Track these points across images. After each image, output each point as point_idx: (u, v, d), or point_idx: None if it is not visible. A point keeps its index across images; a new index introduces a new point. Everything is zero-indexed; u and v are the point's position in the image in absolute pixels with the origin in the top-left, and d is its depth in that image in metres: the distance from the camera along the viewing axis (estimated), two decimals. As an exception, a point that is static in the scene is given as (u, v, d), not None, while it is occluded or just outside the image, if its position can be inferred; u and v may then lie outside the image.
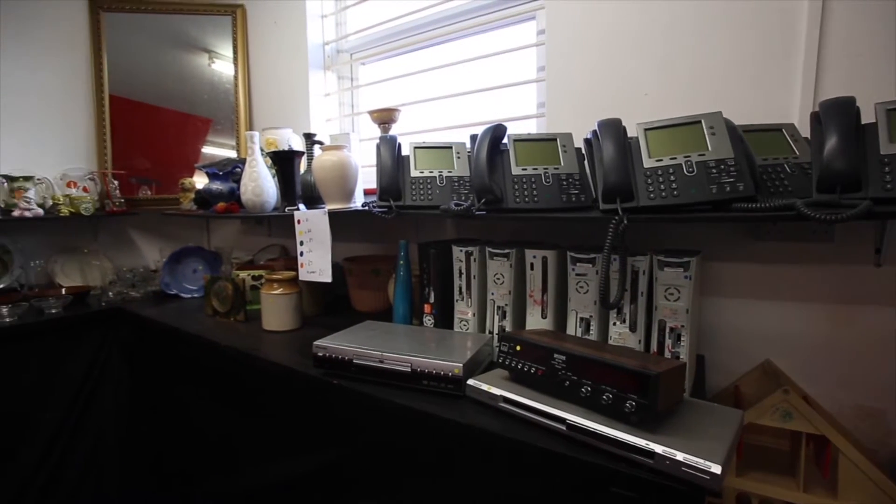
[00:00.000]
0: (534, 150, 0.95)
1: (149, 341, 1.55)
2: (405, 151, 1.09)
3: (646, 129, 0.82)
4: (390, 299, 1.27)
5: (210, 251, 1.83)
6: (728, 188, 0.72)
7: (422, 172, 1.05)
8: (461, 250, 1.05)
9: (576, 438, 0.67)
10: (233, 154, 1.99)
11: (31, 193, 1.59)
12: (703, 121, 0.79)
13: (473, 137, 0.97)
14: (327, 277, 1.11)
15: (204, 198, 1.53)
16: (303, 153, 1.30)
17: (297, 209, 1.19)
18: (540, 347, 0.76)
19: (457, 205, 0.92)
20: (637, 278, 0.86)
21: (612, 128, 0.83)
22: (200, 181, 1.71)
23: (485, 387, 0.79)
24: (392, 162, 1.03)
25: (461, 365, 0.82)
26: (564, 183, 0.92)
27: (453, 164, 1.07)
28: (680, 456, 0.57)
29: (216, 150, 2.02)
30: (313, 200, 1.28)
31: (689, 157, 0.77)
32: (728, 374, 1.05)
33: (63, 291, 1.66)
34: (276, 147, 1.47)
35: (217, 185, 1.50)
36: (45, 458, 1.43)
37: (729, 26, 0.99)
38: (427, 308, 1.11)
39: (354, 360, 0.90)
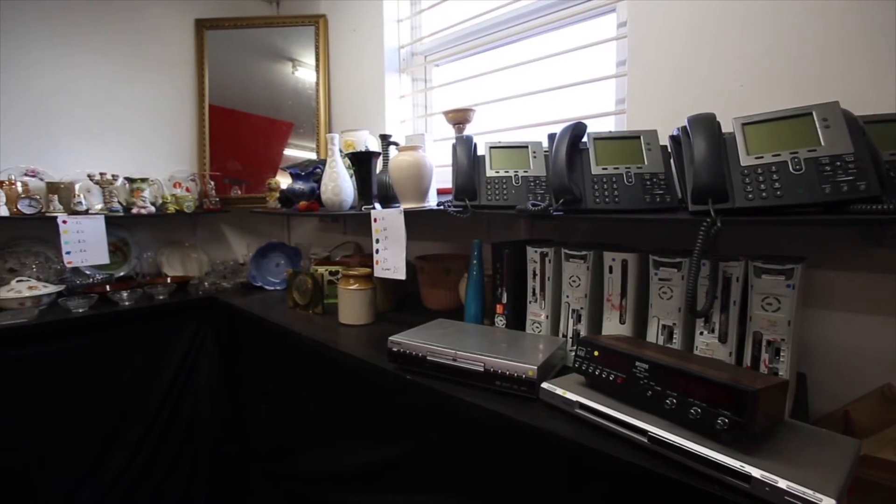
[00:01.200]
0: (615, 149, 0.92)
1: (237, 328, 1.69)
2: (481, 151, 1.09)
3: (744, 124, 0.76)
4: (461, 298, 1.28)
5: (291, 247, 1.96)
6: (845, 188, 0.65)
7: (497, 172, 1.05)
8: (536, 251, 1.03)
9: (659, 453, 0.63)
10: (313, 155, 2.11)
11: (146, 193, 1.80)
12: (814, 112, 0.71)
13: (551, 136, 0.95)
14: (401, 275, 1.14)
15: (287, 197, 1.64)
16: (379, 154, 1.35)
17: (374, 208, 1.23)
18: (620, 354, 0.73)
19: (534, 205, 0.91)
20: (729, 285, 0.79)
21: (705, 123, 0.77)
22: (284, 181, 1.83)
23: (560, 391, 0.77)
24: (468, 162, 1.04)
25: (535, 368, 0.81)
26: (648, 183, 0.87)
27: (529, 163, 1.05)
28: (782, 483, 0.52)
29: (297, 152, 2.16)
30: (388, 199, 1.33)
31: (795, 153, 0.70)
32: (834, 398, 0.94)
33: (168, 280, 1.86)
34: (354, 148, 1.54)
35: (299, 185, 1.60)
36: (151, 428, 1.60)
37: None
38: (499, 308, 1.10)
39: (428, 357, 0.92)
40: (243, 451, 1.74)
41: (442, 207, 1.08)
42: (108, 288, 1.74)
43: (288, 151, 2.17)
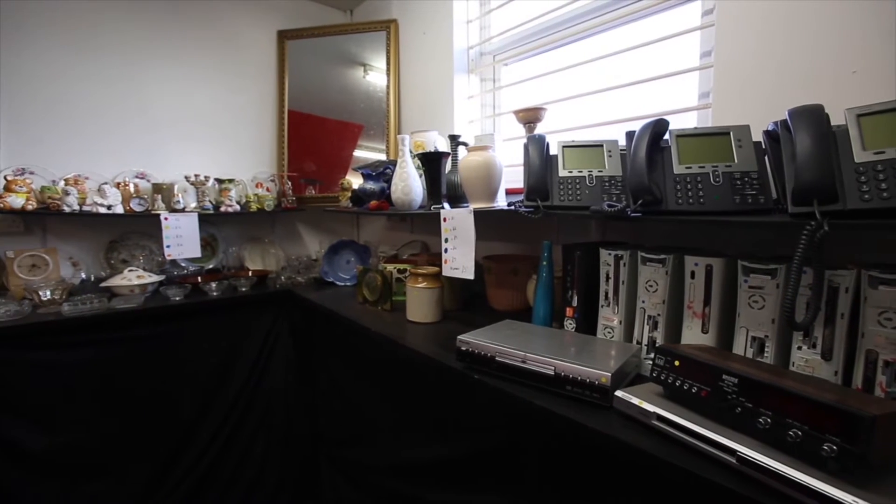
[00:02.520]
0: (701, 146, 0.86)
1: (310, 320, 1.79)
2: (553, 151, 1.07)
3: (859, 115, 0.68)
4: (529, 300, 1.26)
5: (361, 244, 2.04)
6: None
7: (570, 172, 1.02)
8: (610, 254, 0.99)
9: (748, 475, 0.58)
10: (382, 156, 2.17)
11: (232, 193, 1.96)
12: (950, 102, 0.62)
13: (630, 134, 0.91)
14: (469, 274, 1.15)
15: (358, 196, 1.71)
16: (448, 154, 1.36)
17: (443, 208, 1.25)
18: (705, 365, 0.68)
19: (609, 206, 0.87)
20: (836, 296, 0.71)
21: (811, 115, 0.70)
22: (355, 181, 1.91)
23: (636, 400, 0.74)
24: (540, 161, 1.02)
25: (609, 374, 0.78)
26: (738, 182, 0.81)
27: (604, 163, 1.02)
28: (906, 521, 0.46)
29: (366, 153, 2.24)
30: (456, 199, 1.34)
31: (926, 148, 0.61)
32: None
33: (250, 273, 2.01)
34: (423, 149, 1.57)
35: (370, 185, 1.66)
36: (233, 408, 1.74)
37: None
38: (569, 311, 1.07)
39: (496, 358, 0.91)
40: (312, 436, 1.84)
41: (512, 208, 1.07)
42: (199, 279, 1.91)
43: (357, 153, 2.26)
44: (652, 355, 0.91)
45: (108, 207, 1.71)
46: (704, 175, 0.83)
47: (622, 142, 1.00)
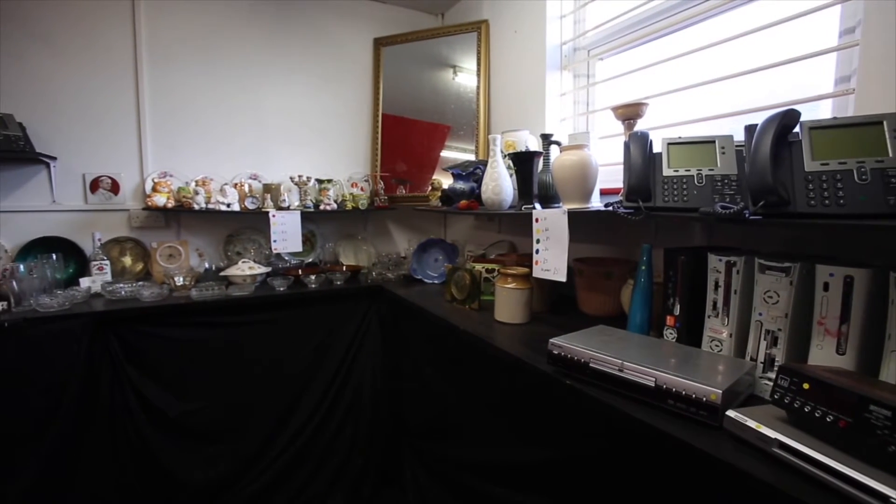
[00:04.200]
0: (843, 139, 0.75)
1: (398, 315, 1.86)
2: (656, 148, 1.00)
3: None
4: (623, 305, 1.20)
5: (449, 243, 2.08)
6: None
7: (676, 171, 0.95)
8: (720, 259, 0.91)
9: (902, 524, 0.50)
10: (469, 156, 2.19)
11: (331, 192, 2.10)
12: None
13: (750, 128, 0.82)
14: (562, 277, 1.12)
15: (448, 195, 1.74)
16: (541, 153, 1.34)
17: (534, 208, 1.23)
18: (846, 392, 0.60)
19: (723, 207, 0.80)
20: None
21: None
22: (445, 181, 1.95)
23: (752, 423, 0.67)
24: (642, 160, 0.96)
25: (720, 392, 0.71)
26: (893, 180, 0.69)
27: (716, 160, 0.93)
28: None
29: (453, 153, 2.27)
30: (548, 199, 1.31)
31: None
32: None
33: (344, 268, 2.14)
34: (514, 148, 1.56)
35: (460, 185, 1.68)
36: (327, 393, 1.86)
37: None
38: (670, 320, 1.00)
39: (591, 364, 0.88)
40: (396, 425, 1.91)
41: (611, 209, 1.02)
42: (300, 272, 2.07)
43: (445, 153, 2.30)
44: (771, 375, 0.83)
45: (228, 205, 1.93)
46: (846, 172, 0.73)
47: (738, 136, 0.91)
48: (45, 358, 1.35)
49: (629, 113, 1.18)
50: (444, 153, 2.30)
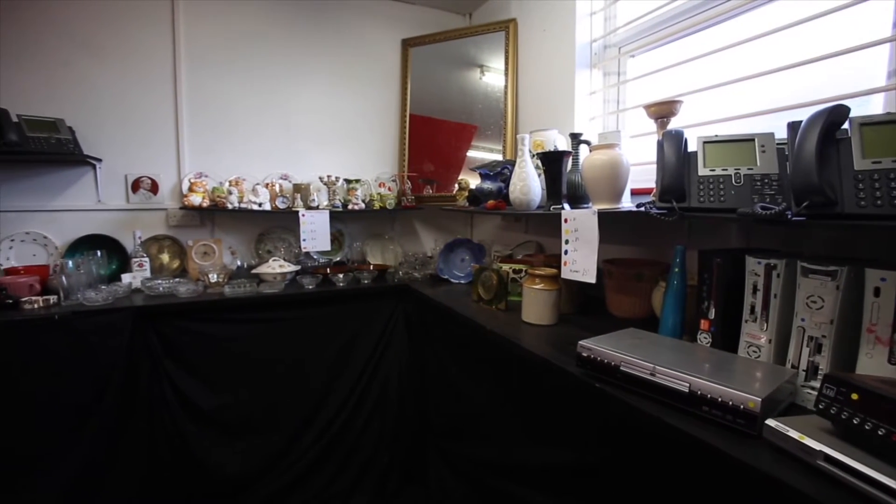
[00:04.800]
0: (896, 137, 0.71)
1: (425, 314, 1.87)
2: (691, 147, 0.97)
3: None
4: (654, 308, 1.17)
5: (476, 243, 2.07)
6: None
7: (713, 170, 0.92)
8: (759, 262, 0.88)
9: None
10: (496, 156, 2.18)
11: (358, 192, 2.13)
12: None
13: (793, 125, 0.79)
14: (591, 278, 1.10)
15: (476, 195, 1.74)
16: (570, 153, 1.32)
17: (563, 208, 1.21)
18: (897, 403, 0.57)
19: (764, 208, 0.77)
20: None
21: None
22: (472, 181, 1.94)
23: (794, 434, 0.64)
24: (676, 159, 0.94)
25: (759, 399, 0.69)
26: (952, 180, 0.65)
27: (755, 159, 0.90)
28: None
29: (479, 153, 2.26)
30: (577, 200, 1.29)
31: None
32: None
33: (371, 267, 2.16)
34: (543, 148, 1.54)
35: (487, 185, 1.68)
36: (353, 390, 1.89)
37: None
38: (704, 324, 0.97)
39: (621, 367, 0.86)
40: (421, 424, 1.92)
41: (643, 209, 1.00)
42: (328, 270, 2.11)
43: (471, 153, 2.29)
44: (814, 383, 0.79)
45: (259, 205, 1.98)
46: (900, 172, 0.69)
47: (779, 134, 0.87)
48: (91, 350, 1.42)
49: (662, 111, 1.15)
50: (471, 153, 2.30)
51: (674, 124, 1.19)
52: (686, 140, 0.98)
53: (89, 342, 1.42)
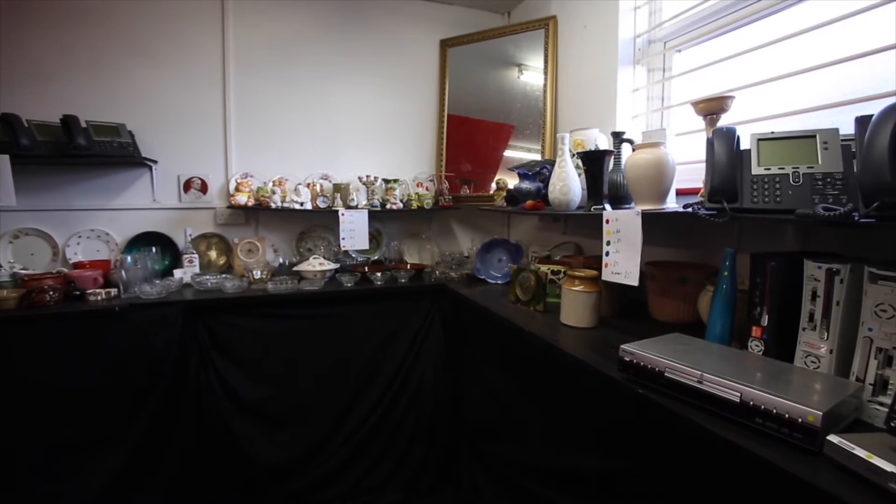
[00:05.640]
0: (981, 132, 0.65)
1: (461, 314, 1.87)
2: (744, 145, 0.92)
3: None
4: (700, 313, 1.13)
5: (513, 244, 2.06)
6: None
7: (768, 169, 0.87)
8: (819, 267, 0.83)
9: None
10: (534, 156, 2.16)
11: (397, 192, 2.16)
12: None
13: (861, 120, 0.73)
14: (633, 280, 1.07)
15: (514, 195, 1.72)
16: (613, 152, 1.29)
17: (604, 209, 1.18)
18: (980, 422, 0.52)
19: (826, 209, 0.72)
20: None
21: None
22: (509, 181, 1.93)
23: (861, 453, 0.60)
24: (727, 158, 0.89)
25: (820, 414, 0.64)
26: None
27: (816, 157, 0.84)
28: None
29: (517, 153, 2.24)
30: (619, 200, 1.26)
31: None
32: None
33: (408, 266, 2.18)
34: (583, 147, 1.51)
35: (526, 185, 1.66)
36: (390, 386, 1.91)
37: None
38: (756, 331, 0.92)
39: (666, 373, 0.83)
40: (456, 424, 1.92)
41: (690, 210, 0.96)
42: (366, 269, 2.15)
43: (508, 153, 2.28)
44: (884, 399, 0.74)
45: (301, 204, 2.04)
46: (984, 170, 0.63)
47: (844, 129, 0.82)
48: (147, 340, 1.51)
49: (712, 107, 1.10)
50: (508, 153, 2.28)
51: (723, 121, 1.14)
52: (738, 137, 0.93)
53: (146, 333, 1.51)
